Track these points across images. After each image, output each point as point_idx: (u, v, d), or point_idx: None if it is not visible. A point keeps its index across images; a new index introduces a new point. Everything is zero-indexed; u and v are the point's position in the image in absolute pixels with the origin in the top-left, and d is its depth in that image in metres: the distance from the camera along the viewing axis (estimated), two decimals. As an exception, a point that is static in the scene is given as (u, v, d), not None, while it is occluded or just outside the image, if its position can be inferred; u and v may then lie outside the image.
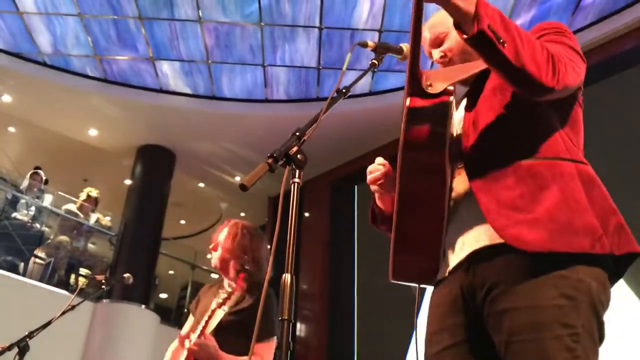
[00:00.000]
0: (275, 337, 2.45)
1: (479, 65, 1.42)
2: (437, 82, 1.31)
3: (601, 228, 1.24)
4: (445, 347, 1.37)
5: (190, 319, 2.83)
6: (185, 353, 2.44)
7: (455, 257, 1.39)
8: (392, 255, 1.42)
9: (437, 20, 1.62)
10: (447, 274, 1.42)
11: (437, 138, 1.29)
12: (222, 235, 2.81)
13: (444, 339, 1.37)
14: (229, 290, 2.42)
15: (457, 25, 1.23)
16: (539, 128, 1.38)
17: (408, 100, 1.30)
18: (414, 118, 1.29)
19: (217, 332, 2.42)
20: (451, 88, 1.32)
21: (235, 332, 2.40)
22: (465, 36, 1.22)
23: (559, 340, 1.17)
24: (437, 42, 1.60)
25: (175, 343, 2.72)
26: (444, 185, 1.35)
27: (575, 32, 6.47)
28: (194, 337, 2.36)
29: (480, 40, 1.19)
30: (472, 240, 1.35)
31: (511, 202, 1.28)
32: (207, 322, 2.44)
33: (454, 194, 1.43)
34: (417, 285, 1.54)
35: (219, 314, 2.45)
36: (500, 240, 1.27)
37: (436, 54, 1.59)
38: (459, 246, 1.38)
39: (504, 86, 1.39)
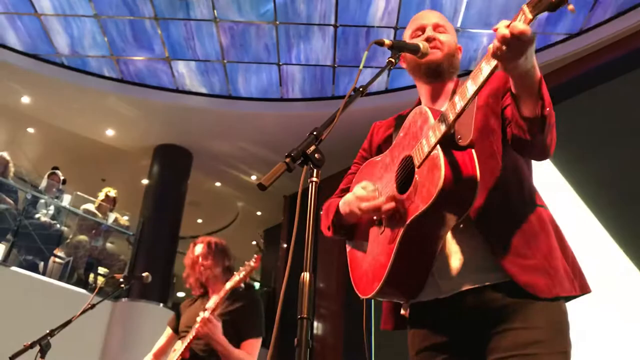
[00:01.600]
0: (261, 337, 2.82)
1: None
2: (463, 132, 1.39)
3: (572, 273, 1.45)
4: None
5: (167, 332, 3.10)
6: (180, 346, 2.73)
7: (450, 287, 1.46)
8: (380, 286, 1.46)
9: (441, 17, 1.77)
10: (435, 297, 1.49)
11: (471, 192, 1.35)
12: (198, 252, 3.03)
13: (435, 356, 1.48)
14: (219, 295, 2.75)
15: (515, 98, 1.33)
16: (520, 177, 1.52)
17: (442, 160, 1.33)
18: (453, 174, 1.33)
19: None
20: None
21: (225, 330, 2.69)
22: (522, 114, 1.32)
23: (555, 356, 1.34)
24: (435, 27, 1.71)
25: (150, 357, 3.13)
26: (449, 229, 1.43)
27: (594, 27, 6.41)
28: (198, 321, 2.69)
29: (538, 121, 1.32)
30: (475, 274, 1.44)
31: (515, 248, 1.41)
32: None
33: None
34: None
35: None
36: (505, 280, 1.40)
37: (430, 31, 1.68)
38: (457, 276, 1.45)
39: (490, 132, 1.50)
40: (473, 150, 1.37)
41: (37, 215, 7.13)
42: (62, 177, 7.67)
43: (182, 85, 8.03)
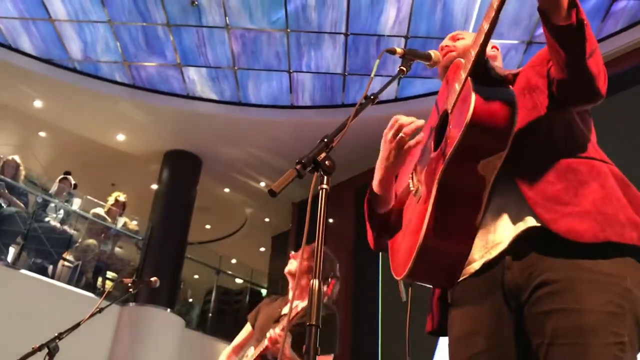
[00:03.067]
0: (334, 354, 2.67)
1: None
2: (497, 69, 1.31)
3: (630, 222, 1.24)
4: (479, 352, 1.31)
5: (247, 328, 3.03)
6: (255, 352, 2.66)
7: (488, 251, 1.33)
8: (415, 258, 1.28)
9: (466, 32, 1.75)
10: (478, 267, 1.35)
11: (509, 120, 1.21)
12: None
13: (477, 343, 1.32)
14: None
15: (544, 12, 1.22)
16: (570, 130, 1.38)
17: (472, 85, 1.22)
18: (486, 95, 1.21)
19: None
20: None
21: (299, 344, 2.54)
22: (556, 23, 1.20)
23: (606, 348, 1.15)
24: (452, 38, 1.72)
25: (228, 350, 3.01)
26: (489, 177, 1.27)
27: (606, 38, 6.38)
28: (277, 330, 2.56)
29: (574, 31, 1.20)
30: (513, 230, 1.30)
31: (556, 196, 1.26)
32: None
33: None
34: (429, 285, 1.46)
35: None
36: (540, 224, 1.25)
37: (446, 41, 1.70)
38: (494, 238, 1.33)
39: (532, 88, 1.40)
40: (510, 87, 1.27)
41: (47, 219, 7.17)
42: (73, 182, 7.72)
43: (193, 92, 8.07)
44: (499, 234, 1.33)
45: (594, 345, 1.15)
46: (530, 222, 1.28)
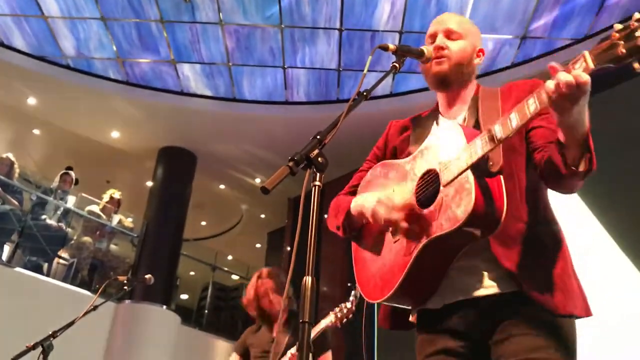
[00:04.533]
0: (330, 350, 3.07)
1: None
2: (494, 158, 1.41)
3: (581, 296, 1.46)
4: None
5: (234, 357, 3.34)
6: None
7: (461, 294, 1.47)
8: (391, 295, 1.49)
9: (461, 21, 1.71)
10: (441, 305, 1.50)
11: (497, 219, 1.36)
12: (267, 286, 3.27)
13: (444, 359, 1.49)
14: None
15: (562, 144, 1.31)
16: (537, 196, 1.51)
17: (473, 187, 1.33)
18: (483, 191, 1.35)
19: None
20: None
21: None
22: (570, 161, 1.31)
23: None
24: (447, 34, 1.66)
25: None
26: (466, 248, 1.44)
27: (600, 32, 6.39)
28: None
29: (584, 174, 1.32)
30: (488, 284, 1.45)
31: (528, 267, 1.40)
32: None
33: None
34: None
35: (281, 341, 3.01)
36: (518, 289, 1.40)
37: (440, 39, 1.65)
38: (470, 285, 1.46)
39: (511, 149, 1.49)
40: (501, 177, 1.38)
41: (43, 217, 7.14)
42: (74, 178, 7.68)
43: (187, 88, 8.05)
44: (468, 284, 1.46)
45: (550, 358, 1.35)
46: (503, 284, 1.43)
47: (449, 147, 1.44)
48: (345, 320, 2.82)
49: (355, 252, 1.69)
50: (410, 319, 1.61)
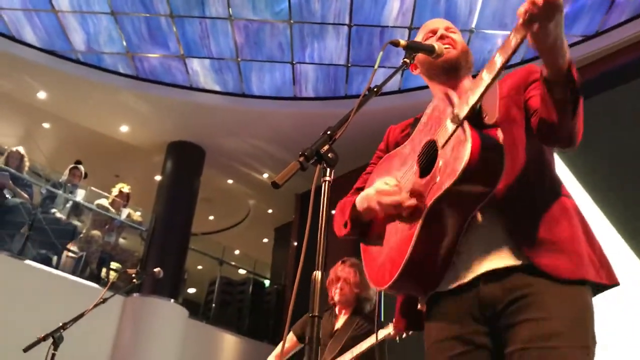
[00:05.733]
0: None
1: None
2: (489, 111, 1.41)
3: (598, 262, 1.42)
4: (457, 354, 1.42)
5: (291, 337, 3.31)
6: None
7: (471, 272, 1.43)
8: (399, 274, 1.42)
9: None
10: (455, 285, 1.45)
11: (497, 168, 1.33)
12: (345, 273, 3.25)
13: (454, 346, 1.43)
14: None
15: (547, 79, 1.32)
16: (541, 166, 1.51)
17: (469, 131, 1.31)
18: (481, 142, 1.31)
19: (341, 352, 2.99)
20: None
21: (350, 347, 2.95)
22: (557, 96, 1.31)
23: (573, 350, 1.30)
24: (447, 29, 1.71)
25: (272, 357, 3.35)
26: (473, 211, 1.40)
27: (609, 30, 6.36)
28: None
29: (571, 103, 1.31)
30: (496, 258, 1.41)
31: (535, 234, 1.39)
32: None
33: None
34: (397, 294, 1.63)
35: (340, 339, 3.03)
36: (525, 262, 1.37)
37: (443, 32, 1.69)
38: (478, 262, 1.43)
39: (511, 121, 1.49)
40: (499, 129, 1.38)
41: (53, 210, 7.20)
42: (84, 171, 7.73)
43: (196, 83, 8.07)
44: (476, 261, 1.43)
45: (561, 347, 1.29)
46: (511, 259, 1.39)
47: (446, 113, 1.43)
48: (404, 334, 2.80)
49: (363, 252, 1.67)
50: (419, 307, 1.56)
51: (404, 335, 2.79)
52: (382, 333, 2.88)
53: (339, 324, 3.14)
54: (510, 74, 1.62)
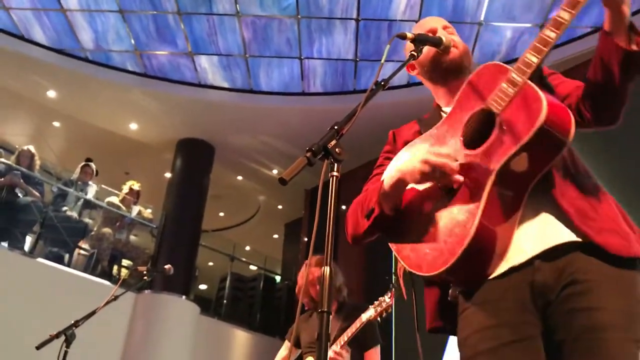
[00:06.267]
0: (379, 344, 3.07)
1: None
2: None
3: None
4: (505, 343, 1.31)
5: (286, 345, 3.42)
6: None
7: (525, 252, 1.35)
8: (462, 252, 1.30)
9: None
10: (507, 268, 1.35)
11: (570, 121, 1.31)
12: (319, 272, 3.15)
13: (502, 334, 1.32)
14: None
15: (610, 32, 1.32)
16: (573, 155, 1.49)
17: (538, 88, 1.31)
18: (550, 99, 1.30)
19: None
20: None
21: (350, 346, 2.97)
22: (624, 47, 1.30)
23: (625, 343, 1.25)
24: (445, 29, 1.69)
25: (282, 352, 3.35)
26: (537, 177, 1.34)
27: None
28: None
29: (637, 56, 1.30)
30: (552, 236, 1.35)
31: (585, 212, 1.35)
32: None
33: None
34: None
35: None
36: (578, 240, 1.32)
37: (442, 33, 1.66)
38: (532, 240, 1.35)
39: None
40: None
41: (64, 208, 7.24)
42: (95, 169, 7.76)
43: (205, 80, 8.08)
44: (529, 241, 1.36)
45: (613, 340, 1.24)
46: (567, 235, 1.34)
47: (498, 81, 1.38)
48: (384, 314, 2.81)
49: (397, 249, 1.50)
50: (450, 296, 1.46)
51: (384, 314, 2.83)
52: (365, 316, 2.90)
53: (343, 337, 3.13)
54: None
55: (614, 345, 1.24)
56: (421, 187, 1.47)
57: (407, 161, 1.43)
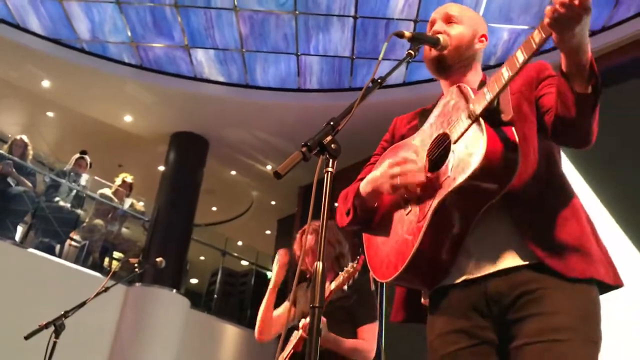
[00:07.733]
0: (377, 321, 2.75)
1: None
2: (504, 108, 1.38)
3: (606, 262, 1.41)
4: (462, 348, 1.41)
5: (285, 305, 3.16)
6: (297, 335, 2.72)
7: (479, 269, 1.42)
8: (405, 267, 1.41)
9: (461, 8, 1.71)
10: (461, 280, 1.44)
11: (512, 166, 1.31)
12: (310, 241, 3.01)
13: (459, 339, 1.41)
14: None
15: (566, 75, 1.30)
16: (550, 164, 1.49)
17: (485, 130, 1.31)
18: (496, 140, 1.30)
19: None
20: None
21: (339, 319, 2.69)
22: (578, 90, 1.29)
23: (582, 344, 1.28)
24: (446, 19, 1.66)
25: (280, 310, 3.10)
26: (483, 207, 1.38)
27: (617, 25, 6.31)
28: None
29: (592, 98, 1.29)
30: (505, 258, 1.40)
31: (544, 233, 1.38)
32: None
33: None
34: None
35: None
36: (534, 262, 1.36)
37: (439, 25, 1.65)
38: (486, 260, 1.41)
39: (522, 118, 1.46)
40: (513, 127, 1.36)
41: (56, 199, 7.21)
42: (89, 161, 7.74)
43: (201, 74, 8.05)
44: (484, 259, 1.41)
45: (570, 340, 1.28)
46: (516, 260, 1.38)
47: (460, 108, 1.41)
48: (351, 279, 2.64)
49: (366, 242, 1.66)
50: (423, 301, 1.55)
51: (350, 281, 2.64)
52: (334, 284, 2.63)
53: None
54: None
55: (571, 346, 1.27)
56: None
57: (382, 173, 1.50)
